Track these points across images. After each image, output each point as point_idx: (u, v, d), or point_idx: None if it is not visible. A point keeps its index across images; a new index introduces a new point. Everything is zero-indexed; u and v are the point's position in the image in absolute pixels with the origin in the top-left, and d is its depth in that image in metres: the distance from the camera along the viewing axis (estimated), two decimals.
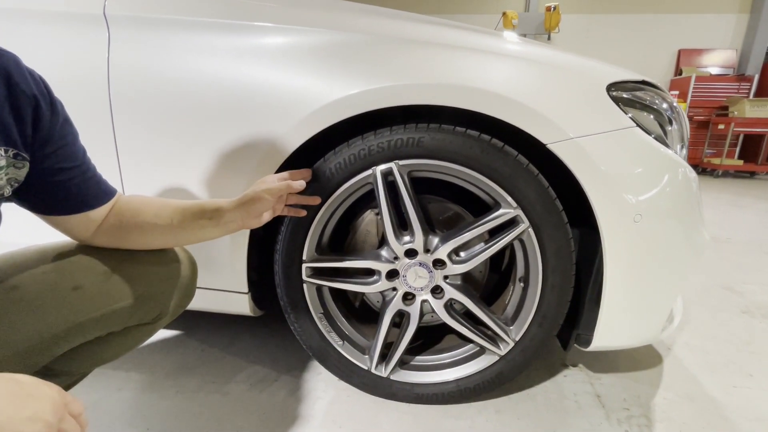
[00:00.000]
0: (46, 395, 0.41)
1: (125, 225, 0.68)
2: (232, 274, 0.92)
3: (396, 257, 0.88)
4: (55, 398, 0.42)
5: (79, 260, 0.66)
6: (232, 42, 0.82)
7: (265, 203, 0.74)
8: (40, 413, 0.39)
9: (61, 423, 0.41)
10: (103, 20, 0.83)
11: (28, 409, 0.38)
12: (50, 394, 0.42)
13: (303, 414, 0.94)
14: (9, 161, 0.54)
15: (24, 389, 0.39)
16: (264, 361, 1.13)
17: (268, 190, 0.74)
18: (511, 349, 0.91)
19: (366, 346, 0.99)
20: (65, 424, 0.42)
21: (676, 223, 0.80)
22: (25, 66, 0.57)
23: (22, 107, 0.54)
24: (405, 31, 0.83)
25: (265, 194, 0.73)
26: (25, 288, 0.62)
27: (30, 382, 0.41)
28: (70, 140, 0.62)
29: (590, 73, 0.81)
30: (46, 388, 0.42)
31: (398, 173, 0.81)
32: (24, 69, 0.56)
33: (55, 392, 0.42)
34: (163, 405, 0.96)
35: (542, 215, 0.80)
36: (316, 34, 0.81)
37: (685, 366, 1.15)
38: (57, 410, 0.41)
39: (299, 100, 0.78)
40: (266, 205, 0.74)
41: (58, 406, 0.41)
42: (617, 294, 0.82)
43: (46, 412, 0.40)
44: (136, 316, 0.70)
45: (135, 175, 0.88)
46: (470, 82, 0.75)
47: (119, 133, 0.86)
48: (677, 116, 0.86)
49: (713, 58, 5.86)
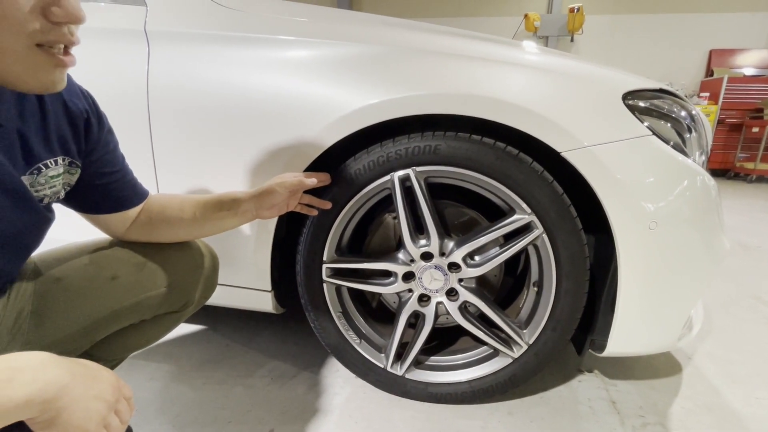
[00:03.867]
0: (106, 378, 0.47)
1: (154, 220, 0.75)
2: (256, 273, 0.97)
3: (412, 260, 0.91)
4: (113, 381, 0.48)
5: (114, 253, 0.73)
6: (260, 54, 0.87)
7: (277, 196, 0.79)
8: (103, 393, 0.45)
9: (117, 403, 0.47)
10: (143, 36, 0.90)
11: (94, 389, 0.44)
12: (109, 377, 0.47)
13: (321, 408, 0.98)
14: (65, 168, 0.61)
15: (90, 371, 0.45)
16: (284, 357, 1.18)
17: (282, 183, 0.79)
18: (525, 352, 0.92)
19: (382, 345, 1.02)
20: (120, 405, 0.48)
21: (692, 230, 0.80)
22: (76, 83, 0.64)
23: (76, 121, 0.61)
24: (425, 42, 0.86)
25: (278, 187, 0.79)
26: (68, 279, 0.69)
27: (93, 365, 0.47)
28: (112, 148, 0.69)
29: (606, 82, 0.82)
30: (105, 372, 0.47)
31: (415, 179, 0.84)
32: (76, 86, 0.64)
33: (112, 376, 0.48)
34: (191, 395, 1.02)
35: (556, 221, 0.82)
36: (340, 47, 0.85)
37: (706, 376, 1.13)
38: (114, 391, 0.47)
39: (321, 110, 0.83)
40: (279, 198, 0.79)
41: (115, 388, 0.47)
42: (632, 300, 0.83)
43: (107, 392, 0.45)
44: (165, 305, 0.76)
45: (169, 178, 0.95)
46: (488, 93, 0.78)
47: (156, 140, 0.92)
48: (696, 124, 0.86)
49: (747, 59, 5.62)
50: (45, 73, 0.46)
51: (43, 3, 0.43)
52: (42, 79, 0.46)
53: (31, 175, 0.55)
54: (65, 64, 0.47)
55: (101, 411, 0.44)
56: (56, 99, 0.59)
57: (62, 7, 0.44)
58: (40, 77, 0.46)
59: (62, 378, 0.41)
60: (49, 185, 0.59)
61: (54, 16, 0.44)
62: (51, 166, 0.58)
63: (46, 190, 0.58)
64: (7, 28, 0.41)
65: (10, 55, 0.43)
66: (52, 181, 0.59)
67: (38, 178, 0.57)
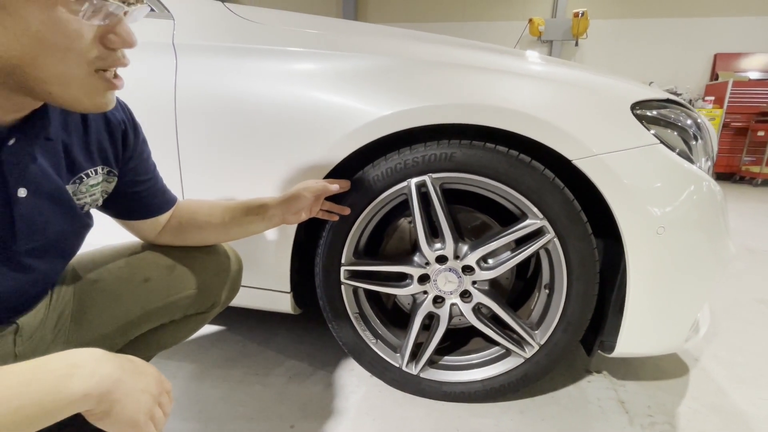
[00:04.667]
0: (151, 373, 0.50)
1: (184, 225, 0.78)
2: (276, 275, 1.01)
3: (427, 263, 0.95)
4: (157, 375, 0.51)
5: (146, 256, 0.77)
6: (282, 66, 0.91)
7: (303, 200, 0.83)
8: (149, 387, 0.48)
9: (160, 396, 0.50)
10: (171, 49, 0.94)
11: (141, 383, 0.47)
12: (153, 372, 0.50)
13: (338, 406, 1.01)
14: (104, 177, 0.65)
15: (137, 367, 0.48)
16: (300, 356, 1.22)
17: (307, 188, 0.83)
18: (536, 352, 0.95)
19: (397, 345, 1.05)
20: (162, 398, 0.51)
21: (699, 235, 0.84)
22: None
23: (114, 132, 0.65)
24: (442, 55, 0.90)
25: (304, 192, 0.83)
26: (104, 281, 0.73)
27: (139, 361, 0.50)
28: (145, 157, 0.73)
29: (615, 93, 0.86)
30: (150, 368, 0.51)
31: (431, 185, 0.88)
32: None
33: (156, 371, 0.51)
34: (212, 392, 1.05)
35: (567, 226, 0.85)
36: (360, 59, 0.89)
37: (713, 377, 1.16)
38: (158, 385, 0.50)
39: (342, 119, 0.87)
40: (305, 203, 0.83)
41: (158, 382, 0.50)
42: (640, 303, 0.86)
43: (152, 386, 0.49)
44: (194, 306, 0.80)
45: (194, 184, 0.99)
46: (502, 103, 0.82)
47: (182, 148, 0.96)
48: (701, 132, 0.90)
49: (752, 63, 5.63)
50: (100, 96, 0.50)
51: (102, 32, 0.46)
52: (97, 101, 0.50)
53: (73, 184, 0.59)
54: (116, 86, 0.51)
55: (148, 403, 0.47)
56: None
57: (118, 35, 0.47)
58: (96, 100, 0.50)
59: (115, 372, 0.44)
60: (89, 193, 0.62)
61: (111, 43, 0.47)
62: (91, 175, 0.61)
63: (86, 198, 0.62)
64: (71, 58, 0.44)
65: (73, 82, 0.46)
66: (92, 190, 0.62)
67: (80, 187, 0.60)
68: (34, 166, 0.52)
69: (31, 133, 0.51)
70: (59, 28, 0.42)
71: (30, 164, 0.51)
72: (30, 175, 0.51)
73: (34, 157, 0.52)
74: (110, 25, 0.46)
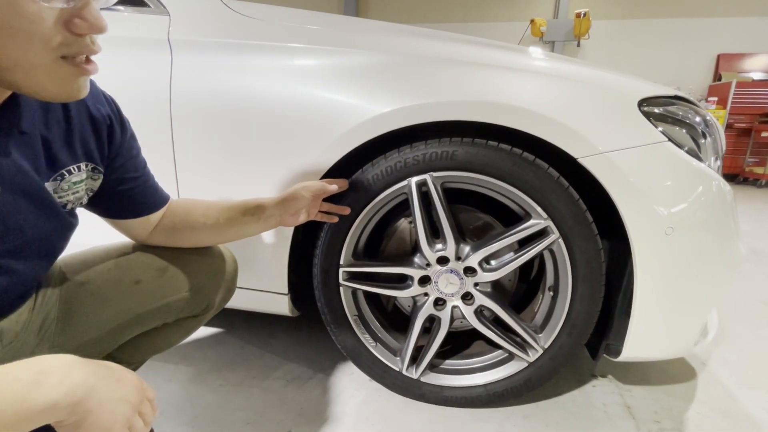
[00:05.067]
0: (130, 380, 0.47)
1: (178, 225, 0.76)
2: (274, 277, 0.99)
3: (428, 264, 0.92)
4: (137, 383, 0.48)
5: (137, 258, 0.74)
6: (280, 63, 0.89)
7: (302, 200, 0.80)
8: (127, 395, 0.45)
9: (140, 405, 0.47)
10: (167, 45, 0.93)
11: (119, 391, 0.44)
12: (133, 379, 0.48)
13: (337, 411, 0.99)
14: (88, 174, 0.62)
15: (114, 374, 0.45)
16: (299, 360, 1.20)
17: (305, 187, 0.81)
18: (540, 356, 0.93)
19: (397, 348, 1.03)
20: (143, 407, 0.48)
21: (708, 236, 0.81)
22: (100, 89, 0.64)
23: (99, 127, 0.62)
24: (442, 51, 0.88)
25: (303, 191, 0.80)
26: (93, 283, 0.70)
27: (117, 368, 0.47)
28: (134, 153, 0.70)
29: (622, 89, 0.84)
30: (129, 374, 0.48)
31: (432, 184, 0.86)
32: (100, 92, 0.64)
33: (136, 378, 0.48)
34: (208, 396, 1.03)
35: (572, 226, 0.83)
36: (359, 55, 0.87)
37: (721, 381, 1.13)
38: (138, 394, 0.47)
39: (340, 117, 0.84)
40: (303, 203, 0.81)
41: (139, 390, 0.47)
42: (647, 305, 0.84)
43: (131, 394, 0.46)
44: (187, 309, 0.77)
45: (189, 181, 0.97)
46: (507, 100, 0.79)
47: (177, 146, 0.94)
48: (710, 129, 0.87)
49: (755, 63, 5.60)
50: (69, 83, 0.47)
51: (66, 16, 0.43)
52: (67, 88, 0.47)
53: (54, 182, 0.56)
54: (88, 72, 0.48)
55: (126, 413, 0.44)
56: (80, 105, 0.59)
57: (84, 19, 0.44)
58: (65, 87, 0.47)
59: (88, 380, 0.41)
60: (72, 191, 0.59)
61: (77, 28, 0.44)
62: (74, 172, 0.59)
63: (69, 195, 0.59)
64: (34, 44, 0.42)
65: (37, 69, 0.43)
66: (75, 187, 0.60)
67: (61, 184, 0.57)
68: (7, 161, 0.49)
69: (1, 126, 0.48)
70: (15, 10, 0.39)
71: (1, 159, 0.48)
72: (2, 170, 0.48)
73: (8, 151, 0.49)
74: (76, 8, 0.43)
